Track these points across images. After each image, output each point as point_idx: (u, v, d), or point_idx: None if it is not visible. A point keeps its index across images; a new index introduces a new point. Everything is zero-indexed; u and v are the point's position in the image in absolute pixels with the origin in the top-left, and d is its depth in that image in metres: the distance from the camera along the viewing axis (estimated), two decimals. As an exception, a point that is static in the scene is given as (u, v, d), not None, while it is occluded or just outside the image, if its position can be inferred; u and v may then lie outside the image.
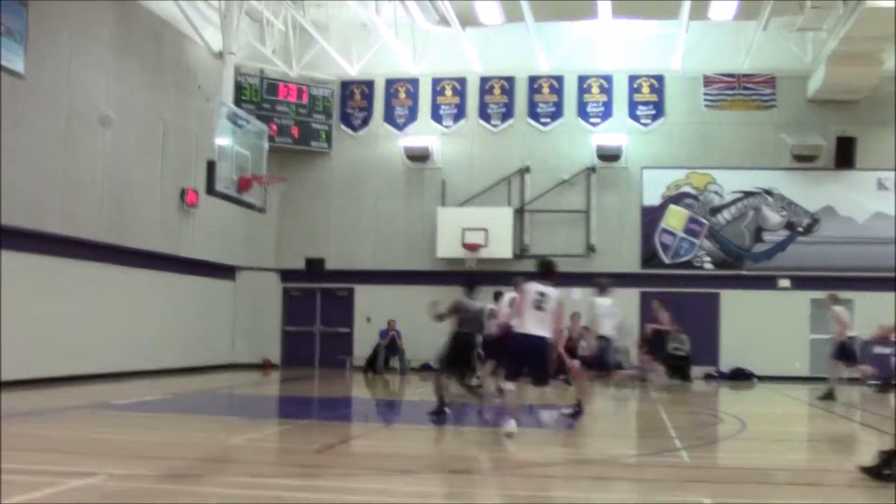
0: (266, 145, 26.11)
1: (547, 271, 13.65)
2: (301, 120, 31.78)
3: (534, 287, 13.35)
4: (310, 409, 17.12)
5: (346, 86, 32.70)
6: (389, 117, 32.47)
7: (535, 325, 13.10)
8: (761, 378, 28.74)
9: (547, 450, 13.02)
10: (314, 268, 31.73)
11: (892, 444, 9.57)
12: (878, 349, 26.35)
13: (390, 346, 30.29)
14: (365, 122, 32.64)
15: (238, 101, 29.07)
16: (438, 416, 15.02)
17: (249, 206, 25.64)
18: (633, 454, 13.05)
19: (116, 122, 23.74)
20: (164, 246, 26.13)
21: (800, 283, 29.55)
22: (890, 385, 23.30)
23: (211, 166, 22.82)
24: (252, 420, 15.82)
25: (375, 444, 13.77)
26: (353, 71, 31.91)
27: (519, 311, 13.48)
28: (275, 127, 30.38)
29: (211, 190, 23.14)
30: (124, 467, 9.64)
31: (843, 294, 25.30)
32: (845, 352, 22.15)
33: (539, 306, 13.14)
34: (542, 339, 13.08)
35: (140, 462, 10.27)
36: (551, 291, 13.29)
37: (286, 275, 32.27)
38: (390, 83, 32.49)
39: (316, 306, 31.96)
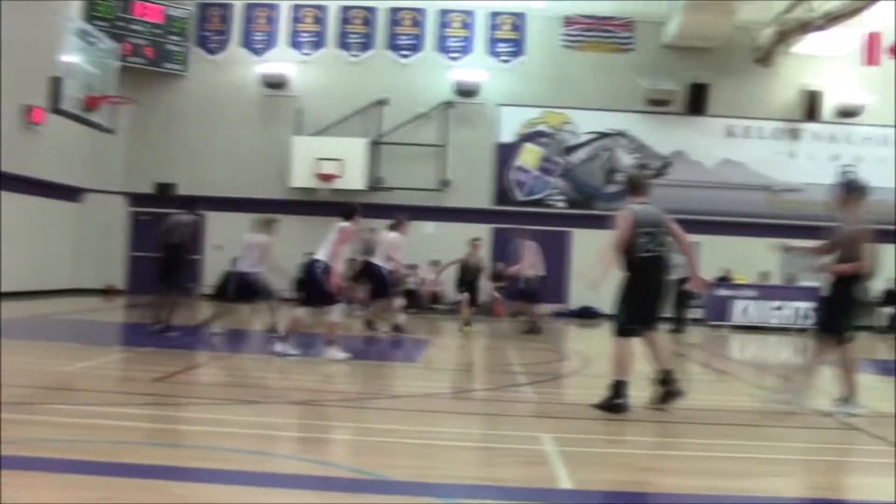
0: (116, 65, 25.45)
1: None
2: (156, 40, 30.97)
3: None
4: (153, 337, 16.80)
5: (205, 8, 31.99)
6: (247, 42, 31.91)
7: None
8: (609, 316, 29.19)
9: (391, 383, 13.10)
10: (164, 192, 31.12)
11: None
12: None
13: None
14: (222, 46, 32.01)
15: (90, 18, 28.23)
16: (162, 332, 16.68)
17: (97, 126, 25.05)
18: (476, 389, 13.17)
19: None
20: (5, 165, 25.18)
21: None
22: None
23: (56, 83, 22.18)
24: (92, 347, 15.42)
25: (219, 373, 13.66)
26: (212, -8, 31.33)
27: None
28: (129, 46, 29.62)
29: (55, 108, 22.52)
30: (-46, 394, 9.35)
31: (689, 237, 25.83)
32: (525, 290, 22.05)
33: None
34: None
35: (-29, 388, 9.99)
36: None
37: (135, 199, 31.58)
38: (250, 7, 31.87)
39: (165, 232, 31.26)
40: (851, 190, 10.86)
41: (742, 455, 8.38)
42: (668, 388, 10.42)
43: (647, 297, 10.42)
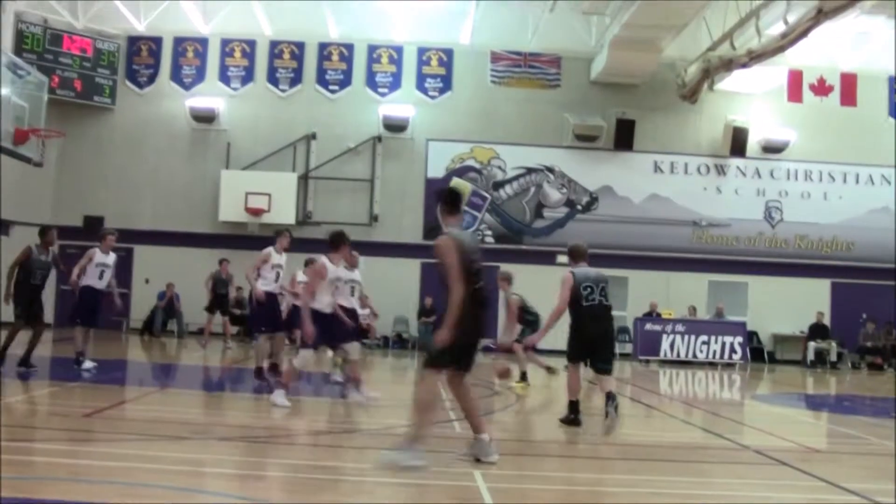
0: (45, 97, 25.27)
1: None
2: (85, 73, 30.87)
3: None
4: (81, 371, 16.68)
5: (134, 41, 31.94)
6: (176, 76, 31.89)
7: None
8: (538, 351, 29.29)
9: (319, 419, 13.06)
10: (92, 226, 30.80)
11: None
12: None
13: (168, 308, 29.85)
14: (151, 79, 31.95)
15: (19, 51, 28.10)
16: None
17: (26, 159, 24.79)
18: (405, 424, 13.16)
19: None
20: (-69, 198, 24.92)
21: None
22: None
23: (-17, 117, 21.97)
24: (19, 381, 15.27)
25: (148, 408, 13.49)
26: (141, 27, 31.25)
27: None
28: (57, 79, 29.53)
29: (-18, 141, 22.29)
30: None
31: (617, 272, 26.20)
32: None
33: None
34: None
35: None
36: None
37: (63, 232, 30.94)
38: (178, 41, 31.88)
39: (93, 266, 30.98)
40: (439, 201, 10.37)
41: (673, 491, 8.49)
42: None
43: (586, 337, 12.31)
